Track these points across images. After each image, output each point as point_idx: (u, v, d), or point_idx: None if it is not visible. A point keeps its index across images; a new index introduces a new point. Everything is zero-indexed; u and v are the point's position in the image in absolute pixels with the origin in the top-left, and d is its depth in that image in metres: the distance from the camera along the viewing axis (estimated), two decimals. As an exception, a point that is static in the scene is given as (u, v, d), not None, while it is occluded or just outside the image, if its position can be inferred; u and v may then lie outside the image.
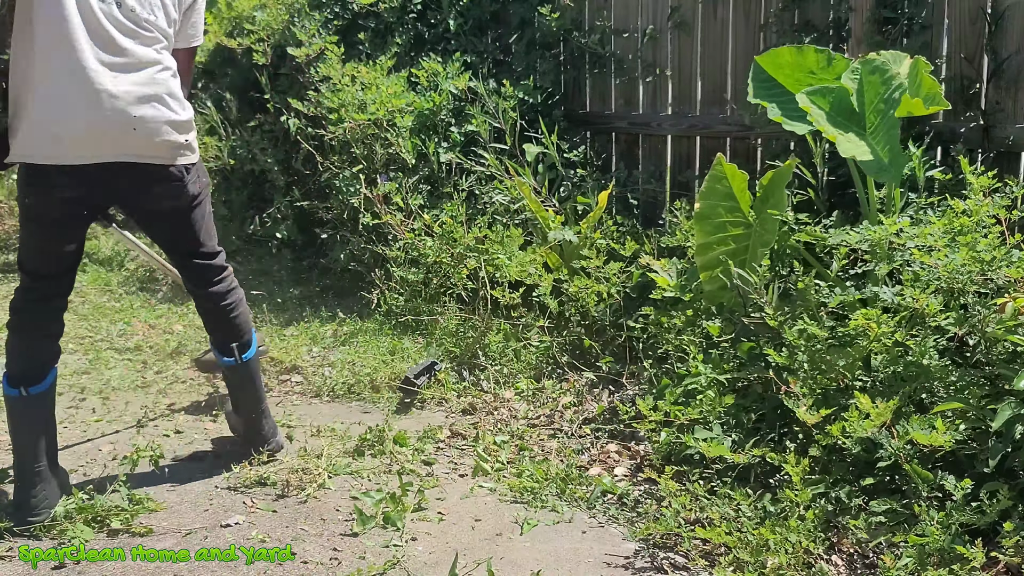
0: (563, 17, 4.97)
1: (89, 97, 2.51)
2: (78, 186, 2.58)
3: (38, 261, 2.70)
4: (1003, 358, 2.64)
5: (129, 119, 2.56)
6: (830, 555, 2.46)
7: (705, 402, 2.96)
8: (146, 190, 2.70)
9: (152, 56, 2.64)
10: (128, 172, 2.62)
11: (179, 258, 2.91)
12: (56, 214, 2.62)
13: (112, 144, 2.57)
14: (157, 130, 2.62)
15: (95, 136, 2.54)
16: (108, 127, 2.55)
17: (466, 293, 4.20)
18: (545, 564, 2.47)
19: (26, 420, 2.67)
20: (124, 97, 2.55)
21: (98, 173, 2.58)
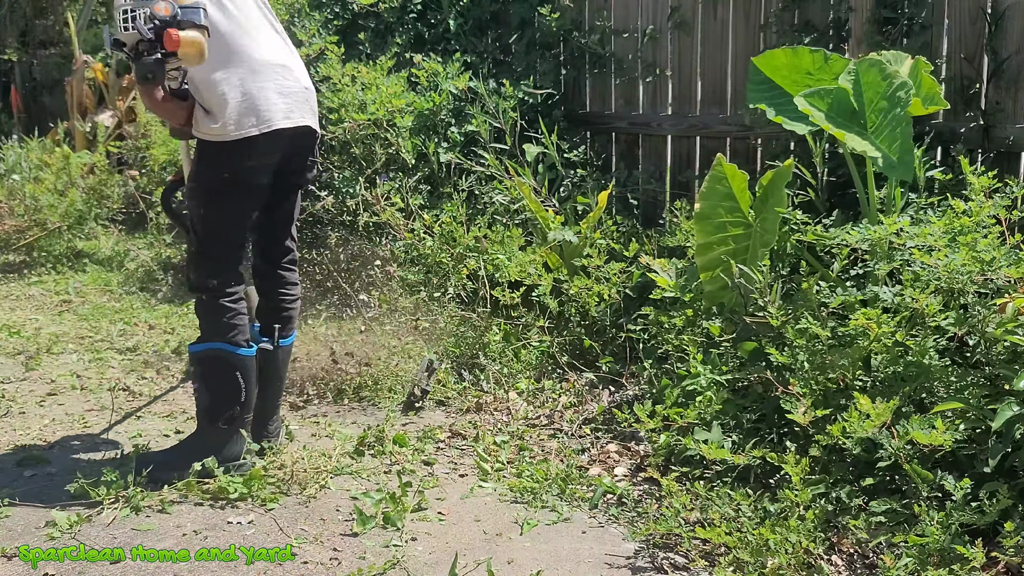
0: (563, 17, 4.97)
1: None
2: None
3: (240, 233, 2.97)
4: (1003, 358, 2.64)
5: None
6: (830, 555, 2.46)
7: (705, 402, 2.96)
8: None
9: None
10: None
11: (282, 235, 3.08)
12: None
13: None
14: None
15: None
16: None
17: (466, 293, 4.20)
18: (545, 564, 2.47)
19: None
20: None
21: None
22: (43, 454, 3.12)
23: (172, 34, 2.55)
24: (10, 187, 6.25)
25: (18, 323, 4.74)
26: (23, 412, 3.54)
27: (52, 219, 5.93)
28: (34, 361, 4.13)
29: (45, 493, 2.82)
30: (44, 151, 6.87)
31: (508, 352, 3.89)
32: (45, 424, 3.41)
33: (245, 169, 2.82)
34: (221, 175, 2.83)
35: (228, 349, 2.86)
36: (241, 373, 2.88)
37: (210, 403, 2.89)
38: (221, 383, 2.89)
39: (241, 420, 2.91)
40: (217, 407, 2.88)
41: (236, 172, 2.82)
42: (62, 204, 6.03)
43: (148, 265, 5.50)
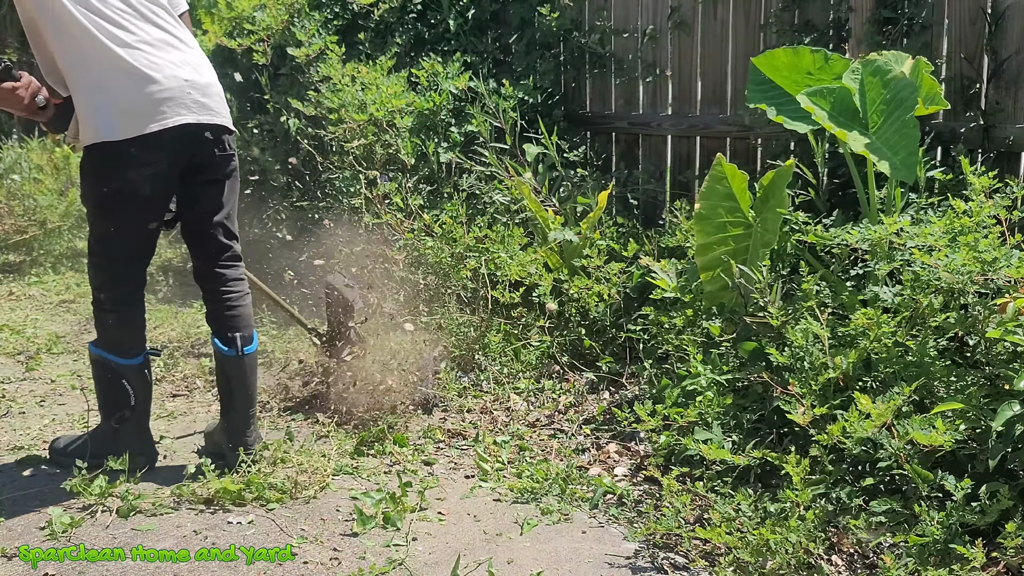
0: (563, 17, 4.97)
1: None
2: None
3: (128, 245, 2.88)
4: (1003, 358, 2.64)
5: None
6: (830, 555, 2.46)
7: (705, 402, 2.96)
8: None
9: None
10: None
11: (211, 231, 2.92)
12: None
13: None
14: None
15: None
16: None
17: (466, 293, 4.20)
18: (546, 564, 2.47)
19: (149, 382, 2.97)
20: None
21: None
22: (43, 454, 3.12)
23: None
24: (10, 187, 6.25)
25: (18, 323, 4.74)
26: (23, 412, 3.54)
27: (52, 219, 5.93)
28: (34, 361, 4.13)
29: (45, 493, 2.82)
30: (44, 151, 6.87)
31: (508, 352, 3.89)
32: (45, 424, 3.41)
33: (122, 180, 2.67)
34: (100, 188, 2.71)
35: (110, 358, 2.87)
36: (127, 380, 2.89)
37: (103, 402, 2.94)
38: (109, 386, 2.91)
39: (135, 421, 2.93)
40: (108, 407, 2.93)
41: (113, 184, 2.68)
42: (62, 204, 6.03)
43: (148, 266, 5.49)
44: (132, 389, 2.90)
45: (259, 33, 5.33)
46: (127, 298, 2.89)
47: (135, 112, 2.65)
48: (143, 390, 2.94)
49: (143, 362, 2.93)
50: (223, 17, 5.81)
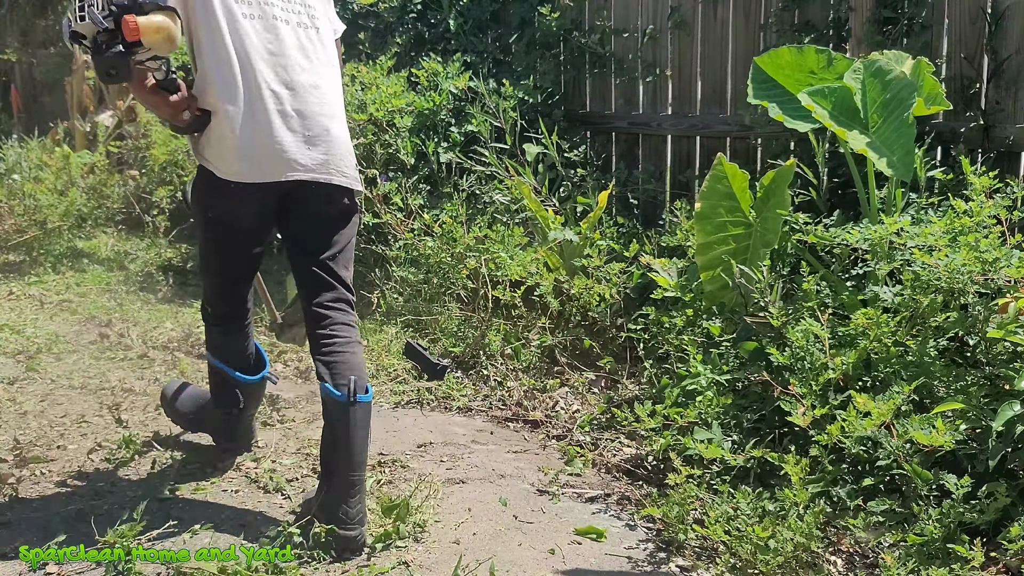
0: (563, 17, 4.97)
1: None
2: None
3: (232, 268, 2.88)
4: (1003, 358, 2.64)
5: None
6: (830, 554, 2.46)
7: (705, 402, 2.96)
8: None
9: None
10: None
11: (316, 274, 2.69)
12: None
13: None
14: None
15: None
16: None
17: (466, 293, 4.20)
18: (547, 564, 2.47)
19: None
20: None
21: None
22: (43, 454, 3.12)
23: (129, 21, 2.24)
24: (10, 187, 6.25)
25: (18, 323, 4.74)
26: (23, 412, 3.53)
27: (52, 219, 5.93)
28: (34, 361, 4.12)
29: (45, 492, 2.82)
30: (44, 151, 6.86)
31: (508, 351, 3.89)
32: (45, 424, 3.41)
33: (224, 208, 2.61)
34: (206, 212, 2.66)
35: (224, 368, 2.92)
36: (241, 391, 2.96)
37: (214, 392, 3.02)
38: (221, 388, 2.99)
39: (238, 422, 3.03)
40: (218, 399, 3.01)
41: (218, 209, 2.63)
42: (62, 204, 6.03)
43: (148, 266, 5.50)
44: (244, 398, 2.95)
45: (259, 33, 5.32)
46: (230, 315, 2.85)
47: (245, 159, 2.51)
48: (252, 401, 3.01)
49: (259, 381, 2.95)
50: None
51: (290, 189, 2.57)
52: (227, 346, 2.90)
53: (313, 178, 2.55)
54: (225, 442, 3.08)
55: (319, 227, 2.65)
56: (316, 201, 2.61)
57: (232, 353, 2.90)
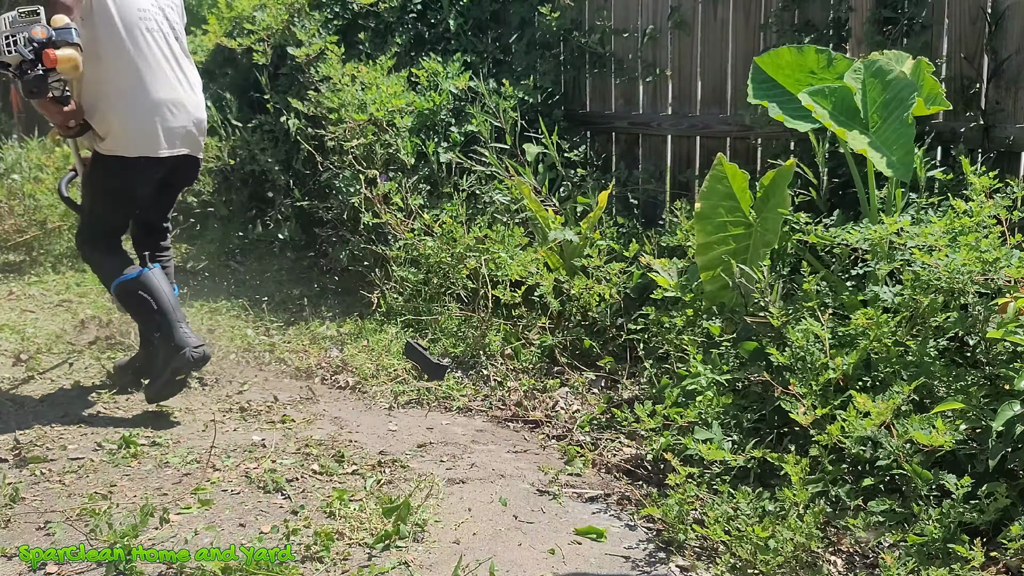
0: (563, 17, 4.97)
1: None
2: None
3: (115, 223, 3.71)
4: (1003, 358, 2.64)
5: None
6: (830, 554, 2.46)
7: (705, 402, 2.96)
8: None
9: None
10: None
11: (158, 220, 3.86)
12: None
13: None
14: None
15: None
16: None
17: (466, 293, 4.20)
18: (547, 564, 2.47)
19: (161, 283, 3.52)
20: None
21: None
22: (43, 454, 3.12)
23: (50, 53, 3.04)
24: (10, 187, 6.25)
25: (18, 323, 4.74)
26: (23, 412, 3.53)
27: (52, 219, 5.93)
28: (34, 361, 4.12)
29: (44, 492, 2.83)
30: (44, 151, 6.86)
31: (508, 351, 3.89)
32: (45, 424, 3.41)
33: (128, 181, 3.46)
34: (108, 183, 3.49)
35: (124, 279, 3.53)
36: (143, 290, 3.49)
37: (139, 318, 3.60)
38: (139, 307, 3.52)
39: (169, 323, 3.46)
40: (143, 318, 3.55)
41: (120, 183, 3.46)
42: (62, 204, 6.01)
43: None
44: (151, 296, 3.48)
45: (259, 33, 5.33)
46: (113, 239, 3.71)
47: (153, 140, 3.46)
48: (161, 294, 3.51)
49: (147, 272, 3.53)
50: (223, 17, 5.82)
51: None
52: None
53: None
54: (177, 352, 3.43)
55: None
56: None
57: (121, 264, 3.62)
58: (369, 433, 3.38)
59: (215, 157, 5.74)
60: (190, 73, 3.60)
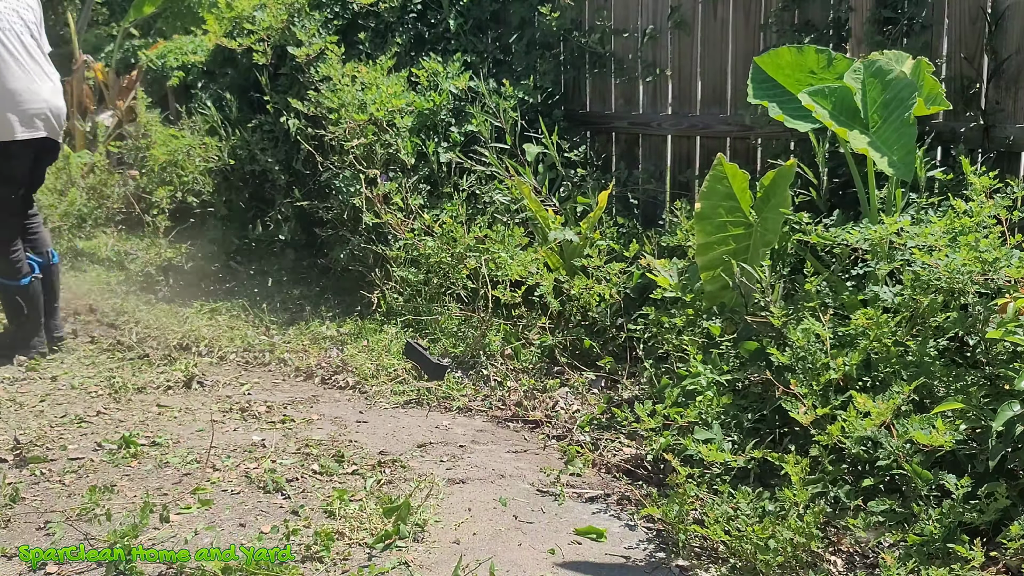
0: (563, 17, 4.97)
1: None
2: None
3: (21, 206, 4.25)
4: (1003, 358, 2.64)
5: None
6: (830, 554, 2.46)
7: (705, 402, 2.96)
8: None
9: None
10: None
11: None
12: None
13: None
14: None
15: None
16: None
17: (466, 293, 4.20)
18: (547, 564, 2.47)
19: (37, 296, 4.21)
20: None
21: None
22: (43, 454, 3.12)
23: None
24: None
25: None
26: (23, 412, 3.53)
27: (52, 219, 5.93)
28: (34, 361, 4.13)
29: (44, 492, 2.83)
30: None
31: (508, 351, 3.89)
32: (45, 424, 3.41)
33: (8, 165, 4.04)
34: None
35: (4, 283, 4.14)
36: (20, 296, 4.14)
37: (7, 311, 4.23)
38: (9, 304, 4.19)
39: (31, 325, 4.19)
40: (10, 313, 4.21)
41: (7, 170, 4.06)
42: (62, 204, 6.03)
43: (148, 266, 5.50)
44: (23, 303, 4.15)
45: (259, 33, 5.32)
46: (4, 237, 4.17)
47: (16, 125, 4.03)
48: (33, 303, 4.17)
49: (29, 284, 4.16)
50: (223, 17, 5.82)
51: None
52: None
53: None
54: (26, 344, 4.19)
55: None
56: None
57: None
58: (369, 433, 3.38)
59: (215, 157, 5.74)
60: (46, 67, 4.17)
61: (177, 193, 5.90)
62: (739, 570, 2.40)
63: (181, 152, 5.94)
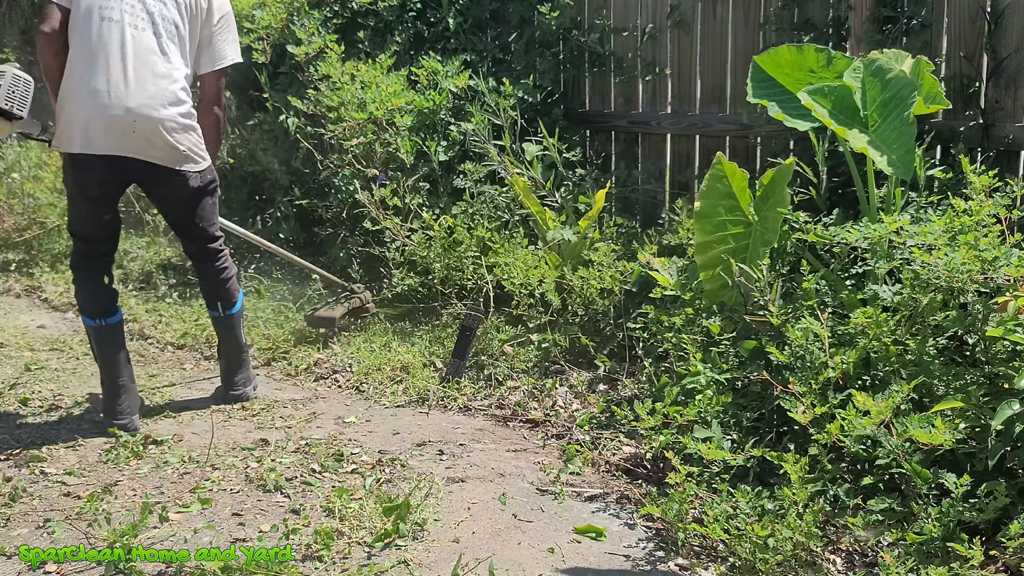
0: (562, 16, 4.97)
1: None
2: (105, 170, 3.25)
3: (81, 227, 3.42)
4: (1003, 357, 2.64)
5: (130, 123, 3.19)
6: (829, 553, 2.46)
7: (704, 401, 2.96)
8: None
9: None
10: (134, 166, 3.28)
11: (182, 234, 3.55)
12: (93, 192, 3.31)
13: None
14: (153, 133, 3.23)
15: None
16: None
17: (466, 292, 4.20)
18: (546, 563, 2.47)
19: (109, 344, 3.39)
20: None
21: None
22: (43, 453, 3.12)
23: None
24: (9, 186, 6.25)
25: (18, 322, 4.74)
26: (23, 412, 3.54)
27: (52, 218, 5.92)
28: (34, 360, 4.13)
29: (44, 492, 2.83)
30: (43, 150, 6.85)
31: (509, 350, 3.89)
32: (45, 424, 3.41)
33: (72, 179, 3.29)
34: (65, 180, 3.36)
35: (83, 319, 3.43)
36: (91, 338, 3.46)
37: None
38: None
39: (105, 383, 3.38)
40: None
41: (70, 181, 3.31)
42: (61, 203, 6.01)
43: (148, 264, 5.49)
44: (95, 347, 3.45)
45: (258, 31, 5.32)
46: (83, 263, 3.48)
47: (78, 136, 3.24)
48: (103, 349, 3.40)
49: (96, 324, 3.40)
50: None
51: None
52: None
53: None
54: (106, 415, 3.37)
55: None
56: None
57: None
58: (369, 432, 3.38)
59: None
60: (153, 71, 3.20)
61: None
62: (738, 569, 2.40)
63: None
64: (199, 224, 3.45)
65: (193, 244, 3.53)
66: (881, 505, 2.48)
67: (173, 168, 3.27)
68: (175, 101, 3.23)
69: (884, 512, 2.47)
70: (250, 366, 3.73)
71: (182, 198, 3.37)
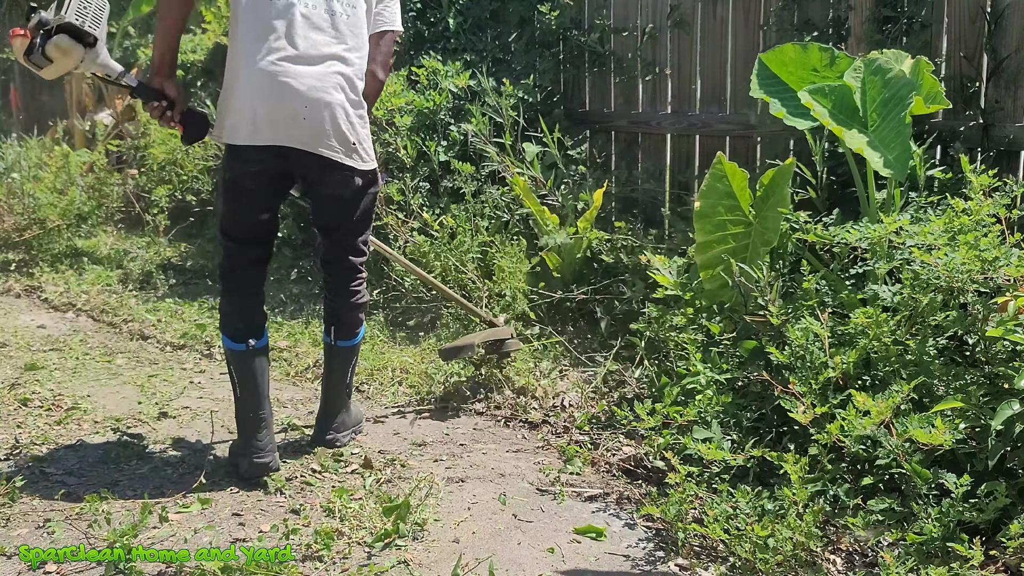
0: (562, 15, 4.97)
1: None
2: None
3: (237, 225, 2.99)
4: (1003, 357, 2.64)
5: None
6: (829, 553, 2.46)
7: (704, 401, 2.96)
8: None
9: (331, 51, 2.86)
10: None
11: (326, 239, 3.13)
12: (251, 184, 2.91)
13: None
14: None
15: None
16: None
17: (466, 292, 4.19)
18: (546, 562, 2.47)
19: (252, 371, 2.94)
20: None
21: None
22: (43, 453, 3.12)
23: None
24: (9, 186, 6.25)
25: (18, 322, 4.74)
26: (23, 412, 3.54)
27: (51, 218, 5.93)
28: (34, 361, 4.13)
29: (44, 492, 2.83)
30: (43, 150, 6.86)
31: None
32: (45, 424, 3.41)
33: (235, 172, 2.92)
34: (224, 174, 2.98)
35: (223, 339, 3.02)
36: (230, 362, 3.00)
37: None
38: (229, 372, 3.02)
39: (243, 416, 2.96)
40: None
41: (229, 173, 2.94)
42: (61, 203, 6.03)
43: (148, 264, 5.50)
44: (234, 375, 2.98)
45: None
46: (234, 275, 3.12)
47: (244, 124, 2.87)
48: (244, 379, 2.97)
49: (244, 348, 2.97)
50: (223, 15, 5.81)
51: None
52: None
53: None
54: (238, 454, 2.99)
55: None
56: None
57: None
58: (368, 432, 3.38)
59: (214, 155, 5.74)
60: (325, 52, 2.84)
61: (176, 192, 5.91)
62: (738, 569, 2.40)
63: (180, 151, 5.94)
64: (350, 230, 3.06)
65: (334, 250, 3.11)
66: (881, 505, 2.48)
67: (339, 162, 2.89)
68: (348, 86, 2.89)
69: (884, 512, 2.47)
70: (351, 407, 3.28)
71: (342, 196, 2.97)
